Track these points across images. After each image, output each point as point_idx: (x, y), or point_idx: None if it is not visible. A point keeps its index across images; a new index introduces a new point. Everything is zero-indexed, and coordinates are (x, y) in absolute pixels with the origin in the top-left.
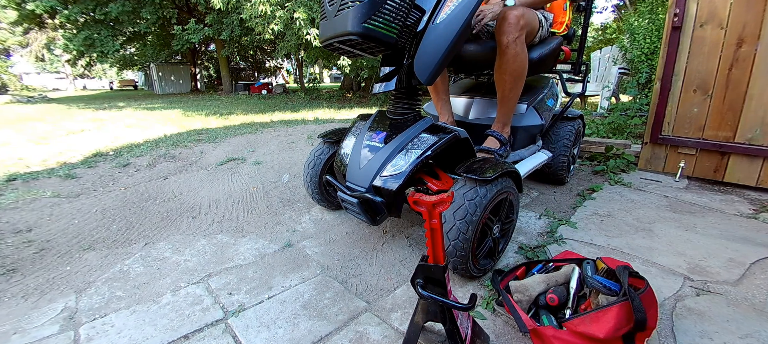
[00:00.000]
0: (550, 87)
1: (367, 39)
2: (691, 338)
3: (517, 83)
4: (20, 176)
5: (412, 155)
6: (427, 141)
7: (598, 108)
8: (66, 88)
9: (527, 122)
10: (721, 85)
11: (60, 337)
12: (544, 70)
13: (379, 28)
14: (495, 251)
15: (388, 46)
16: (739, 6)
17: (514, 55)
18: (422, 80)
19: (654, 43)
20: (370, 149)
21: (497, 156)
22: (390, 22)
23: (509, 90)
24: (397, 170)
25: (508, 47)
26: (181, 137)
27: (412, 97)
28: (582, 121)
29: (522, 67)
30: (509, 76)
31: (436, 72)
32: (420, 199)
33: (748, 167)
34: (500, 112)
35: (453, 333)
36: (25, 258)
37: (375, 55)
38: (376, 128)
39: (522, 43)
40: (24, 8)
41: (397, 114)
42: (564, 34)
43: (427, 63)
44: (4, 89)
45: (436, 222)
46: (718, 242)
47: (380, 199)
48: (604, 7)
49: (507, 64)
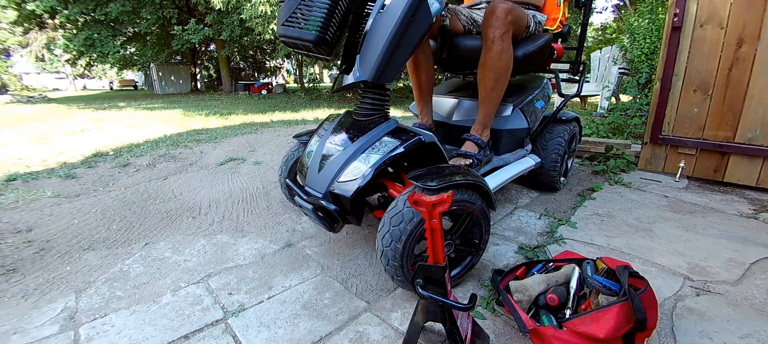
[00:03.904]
0: (541, 88)
1: (286, 38)
2: (691, 338)
3: (499, 83)
4: (20, 176)
5: (371, 159)
6: (389, 145)
7: (598, 108)
8: (66, 88)
9: (512, 125)
10: (721, 85)
11: (60, 337)
12: (532, 70)
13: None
14: None
15: (314, 44)
16: (739, 6)
17: (499, 51)
18: (366, 77)
19: (654, 43)
20: (331, 152)
21: (475, 161)
22: (306, 20)
23: (491, 89)
24: (354, 175)
25: (493, 43)
26: (181, 137)
27: (378, 96)
28: (578, 124)
29: (506, 65)
30: (492, 74)
31: (381, 69)
32: (420, 199)
33: (748, 167)
34: (480, 113)
35: (453, 333)
36: (25, 258)
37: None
38: (339, 130)
39: (508, 40)
40: (24, 8)
41: (361, 115)
42: (558, 32)
43: (370, 58)
44: (4, 89)
45: (436, 222)
46: (718, 242)
47: (334, 207)
48: (604, 7)
49: (491, 61)
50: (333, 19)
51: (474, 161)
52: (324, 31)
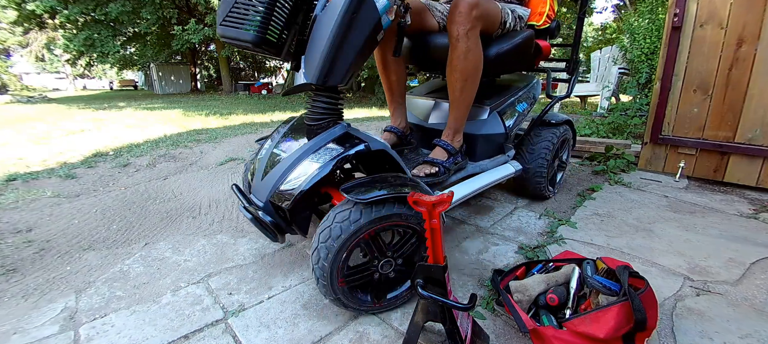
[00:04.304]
0: (527, 89)
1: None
2: (691, 338)
3: (468, 84)
4: (20, 176)
5: (312, 167)
6: (334, 152)
7: (598, 108)
8: (66, 88)
9: (488, 129)
10: (721, 85)
11: (60, 337)
12: (512, 69)
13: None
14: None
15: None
16: (739, 6)
17: (465, 50)
18: (310, 79)
19: (654, 43)
20: (276, 158)
21: (442, 169)
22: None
23: (459, 92)
24: (294, 184)
25: (458, 41)
26: (181, 137)
27: (329, 99)
28: (570, 127)
29: (474, 65)
30: (459, 75)
31: (325, 71)
32: (420, 199)
33: (748, 167)
34: (450, 117)
35: (453, 333)
36: (25, 258)
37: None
38: (289, 135)
39: (475, 37)
40: (24, 8)
41: (311, 119)
42: (544, 28)
43: (313, 59)
44: (4, 89)
45: (436, 222)
46: (718, 242)
47: (269, 219)
48: (604, 7)
49: (456, 61)
50: (273, 17)
51: (441, 170)
52: (263, 30)
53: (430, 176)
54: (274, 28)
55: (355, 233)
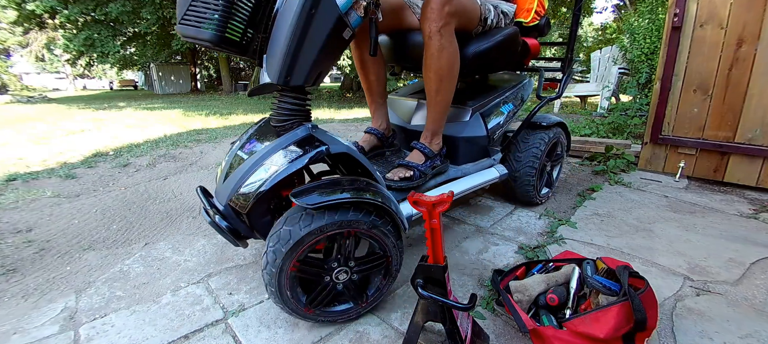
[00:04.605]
0: (515, 89)
1: (185, 37)
2: (691, 338)
3: (443, 85)
4: (20, 176)
5: (269, 171)
6: (293, 155)
7: (598, 108)
8: (66, 88)
9: (469, 131)
10: (721, 85)
11: (60, 337)
12: (495, 69)
13: (191, 24)
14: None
15: (214, 44)
16: (739, 6)
17: (438, 49)
18: (271, 79)
19: (654, 43)
20: (238, 161)
21: (416, 174)
22: (202, 17)
23: (435, 92)
24: (251, 188)
25: (430, 39)
26: (181, 137)
27: (294, 100)
28: (563, 129)
29: (448, 64)
30: (433, 75)
31: (286, 70)
32: (420, 199)
33: (748, 167)
34: (428, 119)
35: (453, 333)
36: (25, 258)
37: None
38: (254, 136)
39: (449, 35)
40: (24, 8)
41: (276, 120)
42: (533, 25)
43: (274, 58)
44: (4, 89)
45: (436, 222)
46: (718, 242)
47: (226, 224)
48: (604, 7)
49: (430, 60)
50: (234, 15)
51: (415, 174)
52: (222, 29)
53: (405, 180)
54: (236, 27)
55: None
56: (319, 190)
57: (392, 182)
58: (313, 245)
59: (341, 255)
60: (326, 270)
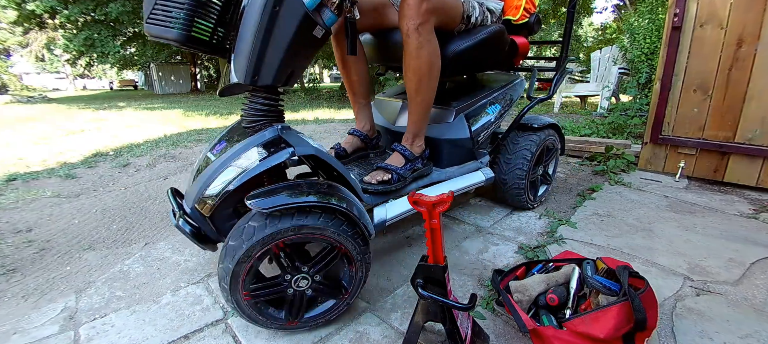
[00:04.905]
0: (504, 89)
1: (152, 36)
2: (691, 338)
3: (423, 85)
4: (20, 176)
5: (231, 174)
6: (257, 157)
7: (598, 108)
8: (66, 88)
9: (452, 133)
10: (721, 85)
11: (60, 337)
12: (478, 68)
13: (156, 23)
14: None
15: (181, 43)
16: (739, 6)
17: (416, 47)
18: (237, 78)
19: (654, 43)
20: (207, 163)
21: (395, 177)
22: (167, 16)
23: (415, 92)
24: (214, 191)
25: (409, 36)
26: (181, 137)
27: (264, 100)
28: (556, 131)
29: (427, 63)
30: (412, 74)
31: (253, 70)
32: (420, 199)
33: (748, 167)
34: (409, 120)
35: (453, 333)
36: (25, 258)
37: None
38: (225, 138)
39: (427, 33)
40: (24, 8)
41: (247, 121)
42: (522, 23)
43: (241, 57)
44: (4, 89)
45: (436, 222)
46: (718, 242)
47: (188, 228)
48: (604, 8)
49: (408, 59)
50: (200, 14)
51: (394, 177)
52: (187, 27)
53: (383, 183)
54: (203, 26)
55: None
56: (276, 192)
57: (369, 186)
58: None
59: (288, 265)
60: (283, 285)
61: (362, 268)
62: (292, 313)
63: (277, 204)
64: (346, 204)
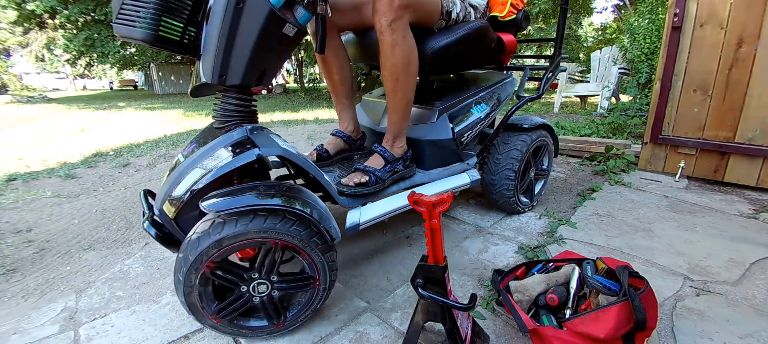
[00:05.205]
0: (492, 89)
1: (121, 36)
2: (691, 338)
3: (399, 84)
4: (20, 176)
5: (196, 175)
6: (221, 159)
7: (598, 108)
8: (66, 88)
9: (434, 134)
10: (721, 85)
11: (60, 337)
12: (461, 67)
13: (124, 23)
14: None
15: (150, 43)
16: (739, 6)
17: (390, 45)
18: (205, 78)
19: (654, 43)
20: (177, 164)
21: (372, 179)
22: (135, 15)
23: (392, 91)
24: (178, 193)
25: (382, 33)
26: (181, 137)
27: (234, 100)
28: (548, 132)
29: (403, 61)
30: (388, 73)
31: (220, 69)
32: (420, 199)
33: (748, 167)
34: (388, 121)
35: (453, 333)
36: (25, 258)
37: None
38: (197, 139)
39: (402, 30)
40: (24, 8)
41: (218, 121)
42: (509, 19)
43: (208, 56)
44: (4, 89)
45: (436, 222)
46: (718, 242)
47: (153, 231)
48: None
49: (383, 58)
50: (168, 13)
51: (371, 179)
52: (155, 27)
53: (360, 185)
54: (173, 25)
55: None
56: (232, 194)
57: (346, 188)
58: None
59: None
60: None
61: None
62: (272, 317)
63: (235, 208)
64: (301, 207)
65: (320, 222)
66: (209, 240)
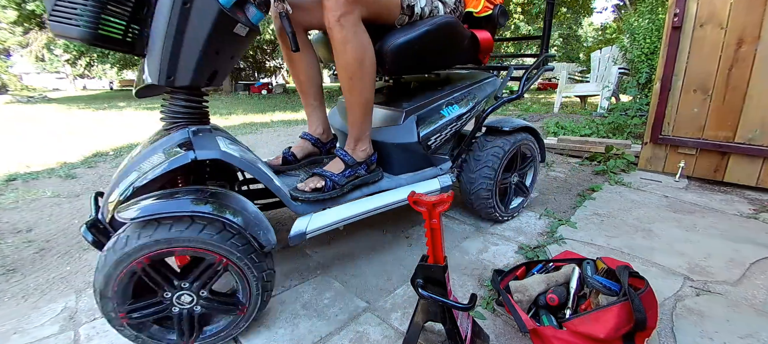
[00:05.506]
0: (468, 89)
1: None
2: (691, 338)
3: (355, 82)
4: (20, 176)
5: (130, 179)
6: (155, 162)
7: (598, 108)
8: (66, 88)
9: (400, 137)
10: (721, 85)
11: (60, 337)
12: (428, 66)
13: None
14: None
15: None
16: (739, 6)
17: (342, 40)
18: (152, 79)
19: (654, 43)
20: (122, 167)
21: (328, 185)
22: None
23: (348, 91)
24: (114, 197)
25: (332, 29)
26: None
27: (184, 100)
28: (533, 136)
29: (357, 59)
30: (342, 72)
31: (168, 70)
32: (420, 199)
33: (748, 167)
34: (349, 123)
35: (453, 333)
36: (25, 258)
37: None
38: (151, 138)
39: (352, 25)
40: (24, 8)
41: (166, 123)
42: (485, 15)
43: (154, 56)
44: (4, 89)
45: (436, 222)
46: (718, 242)
47: (90, 237)
48: (604, 7)
49: (336, 55)
50: (107, 10)
51: (327, 184)
52: (93, 25)
53: (316, 191)
54: (114, 23)
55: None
56: (148, 200)
57: (300, 194)
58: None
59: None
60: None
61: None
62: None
63: (148, 215)
64: (218, 211)
65: (246, 229)
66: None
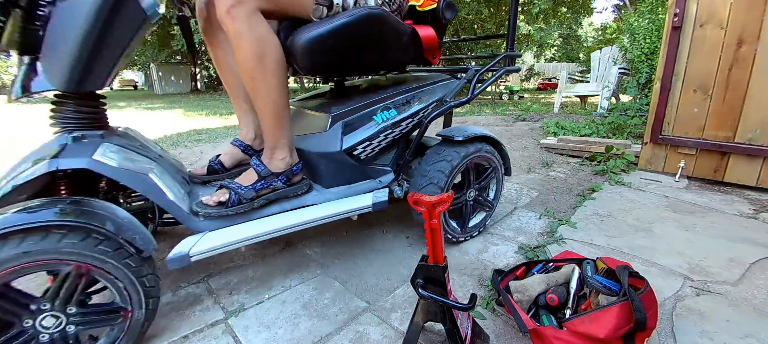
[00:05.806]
0: (412, 92)
1: None
2: (691, 338)
3: (257, 83)
4: None
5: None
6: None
7: (598, 108)
8: None
9: (323, 146)
10: (721, 85)
11: None
12: (355, 66)
13: None
14: None
15: None
16: (739, 6)
17: (235, 35)
18: (57, 85)
19: (654, 43)
20: None
21: (233, 199)
22: None
23: (252, 93)
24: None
25: (223, 23)
26: (181, 137)
27: (75, 106)
28: (494, 148)
29: (254, 55)
30: (242, 70)
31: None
32: (420, 199)
33: (748, 167)
34: (261, 129)
35: (453, 333)
36: None
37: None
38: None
39: (245, 17)
40: None
41: (56, 129)
42: (428, 9)
43: (59, 62)
44: (4, 89)
45: (436, 222)
46: (718, 242)
47: None
48: (604, 8)
49: (233, 52)
50: None
51: (232, 198)
52: None
53: (220, 205)
54: None
55: None
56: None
57: (202, 208)
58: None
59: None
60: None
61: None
62: None
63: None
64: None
65: (117, 234)
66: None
